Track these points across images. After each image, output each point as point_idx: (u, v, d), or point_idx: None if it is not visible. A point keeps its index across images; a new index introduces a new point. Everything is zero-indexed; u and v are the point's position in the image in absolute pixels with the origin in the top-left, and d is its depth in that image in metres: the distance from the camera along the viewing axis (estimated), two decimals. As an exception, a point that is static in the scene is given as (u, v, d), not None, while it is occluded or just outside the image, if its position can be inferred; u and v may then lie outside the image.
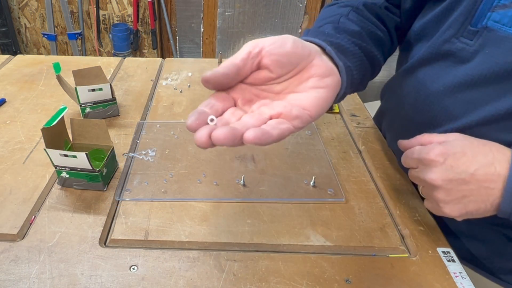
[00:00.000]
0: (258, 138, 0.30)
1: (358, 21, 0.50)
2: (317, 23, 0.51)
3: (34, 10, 2.20)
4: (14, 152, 0.60)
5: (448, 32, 0.47)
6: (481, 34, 0.43)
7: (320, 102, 0.36)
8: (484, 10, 0.43)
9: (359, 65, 0.43)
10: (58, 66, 0.66)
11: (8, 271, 0.42)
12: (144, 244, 0.47)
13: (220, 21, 2.14)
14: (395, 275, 0.44)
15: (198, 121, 0.32)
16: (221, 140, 0.30)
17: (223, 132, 0.30)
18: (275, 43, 0.36)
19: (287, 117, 0.34)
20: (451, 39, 0.47)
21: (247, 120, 0.33)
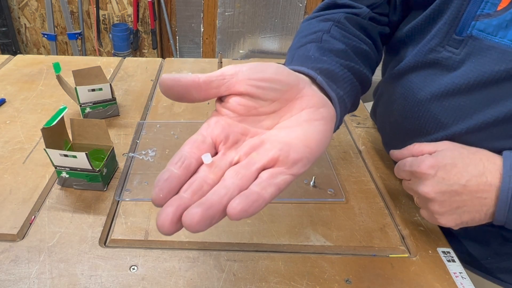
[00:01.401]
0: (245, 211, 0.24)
1: (341, 37, 0.47)
2: (297, 41, 0.47)
3: (34, 10, 2.20)
4: (14, 152, 0.60)
5: (433, 40, 0.47)
6: (467, 43, 0.43)
7: (320, 137, 0.31)
8: (468, 19, 0.43)
9: (350, 90, 0.40)
10: (58, 66, 0.66)
11: (8, 271, 0.42)
12: (144, 244, 0.47)
13: (220, 21, 2.14)
14: (395, 275, 0.44)
15: (165, 193, 0.25)
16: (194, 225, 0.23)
17: (197, 213, 0.23)
18: (254, 68, 0.31)
19: (285, 164, 0.28)
20: (436, 47, 0.46)
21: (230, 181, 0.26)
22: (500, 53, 0.40)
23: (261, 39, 2.19)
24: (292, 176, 0.28)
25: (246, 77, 0.30)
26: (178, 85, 0.29)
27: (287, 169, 0.28)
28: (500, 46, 0.40)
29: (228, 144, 0.30)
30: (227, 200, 0.25)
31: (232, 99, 0.31)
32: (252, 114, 0.31)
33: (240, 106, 0.31)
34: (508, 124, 0.41)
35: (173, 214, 0.24)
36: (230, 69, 0.30)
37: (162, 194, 0.25)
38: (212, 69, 0.90)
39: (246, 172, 0.27)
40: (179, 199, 0.25)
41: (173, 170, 0.26)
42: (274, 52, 2.23)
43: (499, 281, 0.52)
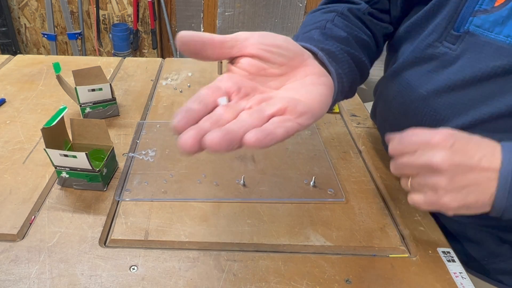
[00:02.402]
0: (260, 141, 0.27)
1: (344, 26, 0.49)
2: (302, 29, 0.49)
3: (34, 10, 2.20)
4: (14, 152, 0.60)
5: (431, 36, 0.47)
6: (463, 38, 0.43)
7: (322, 99, 0.35)
8: (466, 15, 0.43)
9: (348, 72, 0.42)
10: (58, 66, 0.66)
11: (8, 271, 0.42)
12: (144, 244, 0.47)
13: (220, 21, 2.14)
14: (395, 275, 0.44)
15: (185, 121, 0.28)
16: (215, 145, 0.25)
17: (217, 135, 0.26)
18: (265, 35, 0.35)
19: (292, 113, 0.31)
20: (434, 43, 0.47)
21: (245, 118, 0.29)
22: (495, 49, 0.41)
23: (261, 39, 2.19)
24: (299, 125, 0.31)
25: (258, 41, 0.34)
26: (195, 40, 0.32)
27: (295, 118, 0.31)
28: (496, 42, 0.41)
29: (240, 95, 0.33)
30: (243, 132, 0.27)
31: (243, 60, 0.34)
32: (261, 75, 0.35)
33: (250, 66, 0.34)
34: (503, 120, 0.41)
35: (195, 136, 0.26)
36: (243, 34, 0.34)
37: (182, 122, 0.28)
38: (212, 69, 0.90)
39: (258, 115, 0.30)
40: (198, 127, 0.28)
41: (192, 106, 0.29)
42: (274, 52, 2.22)
43: (497, 283, 0.52)
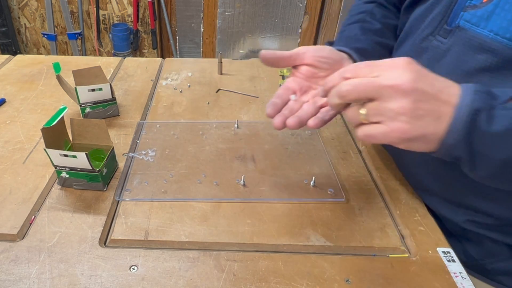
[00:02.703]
0: (316, 124, 0.46)
1: (380, 17, 0.61)
2: (348, 18, 0.65)
3: (34, 10, 2.20)
4: (14, 152, 0.60)
5: (426, 30, 0.50)
6: (454, 33, 0.46)
7: None
8: (458, 10, 0.45)
9: None
10: (58, 66, 0.66)
11: (8, 271, 0.42)
12: (144, 244, 0.47)
13: (220, 21, 2.14)
14: (395, 275, 0.44)
15: (274, 111, 0.47)
16: (292, 126, 0.45)
17: (293, 120, 0.46)
18: (316, 49, 0.51)
19: None
20: (428, 37, 0.49)
21: (307, 108, 0.48)
22: (479, 43, 0.42)
23: (261, 39, 2.19)
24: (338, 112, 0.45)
25: (312, 55, 0.51)
26: (273, 57, 0.50)
27: None
28: (481, 37, 0.42)
29: (301, 92, 0.51)
30: (306, 118, 0.46)
31: (302, 67, 0.52)
32: (313, 77, 0.52)
33: (307, 71, 0.51)
34: None
35: (281, 120, 0.46)
36: (303, 49, 0.51)
37: (272, 111, 0.47)
38: (212, 69, 0.90)
39: (314, 106, 0.48)
40: (282, 114, 0.47)
41: (276, 100, 0.48)
42: (274, 52, 2.22)
43: (497, 284, 0.52)
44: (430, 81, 0.36)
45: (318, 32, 2.19)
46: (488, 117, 0.35)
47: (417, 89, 0.35)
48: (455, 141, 0.36)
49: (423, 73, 0.37)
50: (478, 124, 0.35)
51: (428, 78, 0.36)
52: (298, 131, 0.68)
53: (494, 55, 0.41)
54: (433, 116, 0.36)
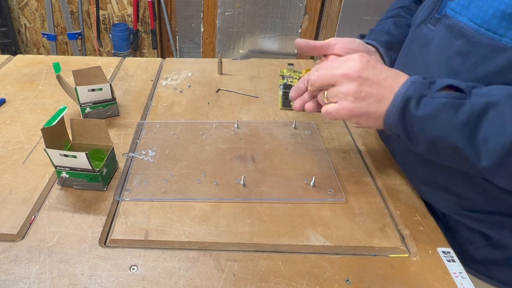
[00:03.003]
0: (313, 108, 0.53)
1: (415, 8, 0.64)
2: (384, 15, 0.71)
3: (34, 10, 2.20)
4: (14, 152, 0.60)
5: (420, 18, 0.54)
6: (441, 20, 0.49)
7: None
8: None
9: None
10: (58, 66, 0.66)
11: (8, 271, 0.42)
12: (144, 244, 0.47)
13: (220, 21, 2.14)
14: (395, 275, 0.44)
15: (296, 94, 0.54)
16: (308, 110, 0.53)
17: (311, 105, 0.53)
18: (346, 41, 0.58)
19: None
20: (421, 24, 0.54)
21: None
22: (459, 29, 0.46)
23: (261, 39, 2.19)
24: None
25: (342, 46, 0.57)
26: (307, 46, 0.57)
27: None
28: (460, 23, 0.46)
29: None
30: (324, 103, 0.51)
31: (331, 57, 0.57)
32: None
33: None
34: None
35: (301, 103, 0.53)
36: (334, 40, 0.58)
37: (294, 95, 0.54)
38: (212, 69, 0.90)
39: None
40: (303, 98, 0.54)
41: (300, 85, 0.54)
42: (274, 52, 2.22)
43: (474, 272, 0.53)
44: (375, 71, 0.46)
45: (318, 32, 2.19)
46: (417, 103, 0.42)
47: (361, 76, 0.45)
48: (392, 122, 0.44)
49: (371, 65, 0.46)
50: (409, 109, 0.43)
51: (375, 69, 0.46)
52: (298, 131, 0.68)
53: (467, 40, 0.45)
54: (375, 98, 0.45)
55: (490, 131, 0.38)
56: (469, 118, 0.39)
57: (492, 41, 0.42)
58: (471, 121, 0.39)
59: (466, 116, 0.39)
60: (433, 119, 0.41)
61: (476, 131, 0.39)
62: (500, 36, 0.41)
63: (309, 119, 0.72)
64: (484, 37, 0.43)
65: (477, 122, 0.39)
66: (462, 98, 0.40)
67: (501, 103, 0.38)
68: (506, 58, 0.41)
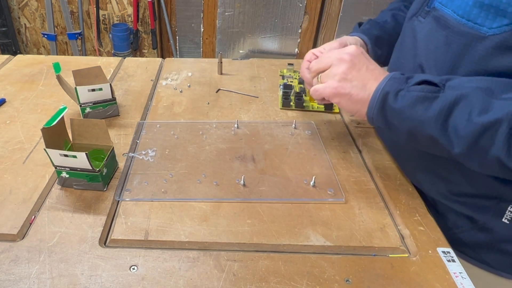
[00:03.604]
0: None
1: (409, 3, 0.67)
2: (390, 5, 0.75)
3: (34, 10, 2.20)
4: (14, 152, 0.60)
5: (412, 11, 0.56)
6: (430, 13, 0.52)
7: None
8: None
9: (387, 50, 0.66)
10: (58, 66, 0.66)
11: (8, 271, 0.42)
12: (144, 244, 0.47)
13: (220, 21, 2.14)
14: (395, 275, 0.44)
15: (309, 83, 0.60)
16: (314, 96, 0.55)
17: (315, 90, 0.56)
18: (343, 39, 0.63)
19: None
20: (412, 17, 0.55)
21: None
22: (444, 21, 0.48)
23: (261, 39, 2.19)
24: None
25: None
26: None
27: None
28: (446, 15, 0.48)
29: None
30: None
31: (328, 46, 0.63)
32: None
33: None
34: None
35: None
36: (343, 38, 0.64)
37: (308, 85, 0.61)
38: (212, 69, 0.90)
39: None
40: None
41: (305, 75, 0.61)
42: (274, 52, 2.22)
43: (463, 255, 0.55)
44: (366, 61, 0.51)
45: (318, 32, 2.19)
46: (394, 96, 0.46)
47: (353, 61, 0.50)
48: (373, 114, 0.48)
49: (364, 56, 0.52)
50: (387, 102, 0.46)
51: (367, 60, 0.51)
52: (298, 131, 0.68)
53: (451, 31, 0.48)
54: (359, 82, 0.49)
55: (459, 121, 0.41)
56: (441, 110, 0.42)
57: (472, 31, 0.45)
58: (443, 112, 0.42)
59: (439, 108, 0.42)
60: (410, 110, 0.44)
61: (447, 121, 0.42)
62: (479, 25, 0.44)
63: (309, 119, 0.72)
64: (465, 27, 0.46)
65: (448, 113, 0.42)
66: (436, 91, 0.43)
67: (470, 95, 0.41)
68: (485, 46, 0.44)
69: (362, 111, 0.50)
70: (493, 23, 0.43)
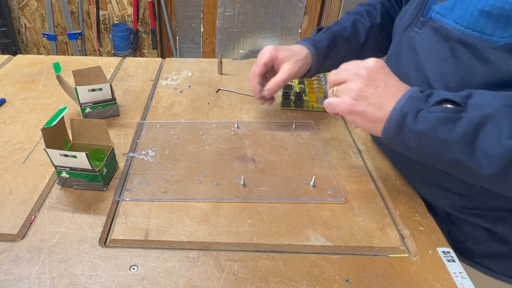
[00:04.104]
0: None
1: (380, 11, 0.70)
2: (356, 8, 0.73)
3: (34, 10, 2.20)
4: (14, 152, 0.60)
5: (406, 22, 0.55)
6: (427, 24, 0.50)
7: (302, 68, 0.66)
8: (431, 3, 0.50)
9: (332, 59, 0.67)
10: (58, 66, 0.66)
11: (8, 271, 0.42)
12: (144, 244, 0.47)
13: (220, 21, 2.14)
14: (395, 275, 0.44)
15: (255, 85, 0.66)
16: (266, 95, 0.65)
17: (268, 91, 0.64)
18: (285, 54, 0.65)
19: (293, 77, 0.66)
20: (407, 28, 0.54)
21: None
22: (446, 31, 0.47)
23: (261, 39, 2.19)
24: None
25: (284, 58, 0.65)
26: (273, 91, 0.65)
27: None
28: (446, 26, 0.47)
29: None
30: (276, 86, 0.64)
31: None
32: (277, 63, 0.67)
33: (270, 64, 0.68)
34: None
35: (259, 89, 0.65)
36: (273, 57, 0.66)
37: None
38: (212, 69, 0.90)
39: None
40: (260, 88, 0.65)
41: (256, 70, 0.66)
42: (274, 52, 2.22)
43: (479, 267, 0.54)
44: (386, 76, 0.47)
45: (318, 32, 2.19)
46: (414, 118, 0.42)
47: (370, 77, 0.46)
48: (389, 135, 0.45)
49: (384, 71, 0.47)
50: (406, 123, 0.43)
51: (386, 75, 0.47)
52: (298, 131, 0.68)
53: (454, 42, 0.46)
54: (375, 101, 0.45)
55: (489, 144, 0.38)
56: (467, 132, 0.39)
57: (481, 41, 0.43)
58: (469, 134, 0.39)
59: (464, 130, 0.39)
60: (431, 133, 0.41)
61: (475, 144, 0.39)
62: (488, 35, 0.42)
63: (309, 119, 0.72)
64: (472, 38, 0.44)
65: (475, 135, 0.39)
66: (459, 111, 0.40)
67: (497, 115, 0.38)
68: (497, 55, 0.42)
69: (377, 130, 0.46)
70: (504, 32, 0.41)
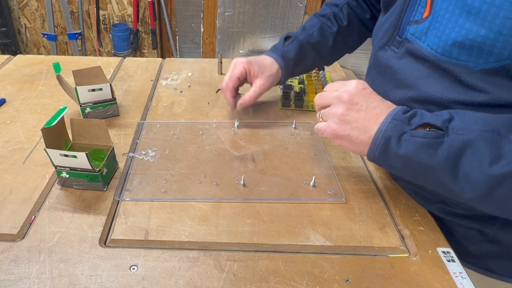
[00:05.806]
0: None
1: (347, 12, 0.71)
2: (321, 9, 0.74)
3: (34, 10, 2.20)
4: (14, 152, 0.60)
5: (383, 39, 0.55)
6: (404, 44, 0.51)
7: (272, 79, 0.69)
8: (405, 23, 0.50)
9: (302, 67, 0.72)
10: (58, 66, 0.66)
11: (8, 271, 0.42)
12: (144, 244, 0.47)
13: (220, 21, 2.14)
14: (395, 275, 0.44)
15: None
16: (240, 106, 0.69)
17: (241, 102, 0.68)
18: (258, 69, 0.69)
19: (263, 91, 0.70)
20: (384, 46, 0.54)
21: None
22: (421, 55, 0.48)
23: (261, 39, 2.19)
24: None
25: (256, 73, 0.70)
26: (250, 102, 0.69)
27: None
28: (421, 49, 0.47)
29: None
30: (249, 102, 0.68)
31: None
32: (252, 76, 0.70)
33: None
34: None
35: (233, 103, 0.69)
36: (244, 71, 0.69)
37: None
38: (212, 69, 0.90)
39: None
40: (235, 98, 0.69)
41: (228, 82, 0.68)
42: (274, 52, 2.22)
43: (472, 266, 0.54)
44: (367, 98, 0.47)
45: (318, 32, 2.19)
46: (397, 142, 0.43)
47: (352, 100, 0.47)
48: (374, 158, 0.46)
49: (365, 92, 0.48)
50: (390, 146, 0.44)
51: (368, 97, 0.47)
52: (298, 131, 0.68)
53: (431, 65, 0.47)
54: (359, 125, 0.46)
55: (470, 170, 0.39)
56: (448, 157, 0.40)
57: (458, 67, 0.44)
58: (451, 159, 0.40)
59: (445, 156, 0.40)
60: (414, 157, 0.42)
61: (456, 168, 0.40)
62: (464, 61, 0.43)
63: (309, 119, 0.72)
64: (448, 64, 0.44)
65: (456, 161, 0.40)
66: (440, 136, 0.41)
67: (477, 141, 0.39)
68: (477, 78, 0.43)
69: (364, 152, 0.47)
70: (479, 59, 0.42)
